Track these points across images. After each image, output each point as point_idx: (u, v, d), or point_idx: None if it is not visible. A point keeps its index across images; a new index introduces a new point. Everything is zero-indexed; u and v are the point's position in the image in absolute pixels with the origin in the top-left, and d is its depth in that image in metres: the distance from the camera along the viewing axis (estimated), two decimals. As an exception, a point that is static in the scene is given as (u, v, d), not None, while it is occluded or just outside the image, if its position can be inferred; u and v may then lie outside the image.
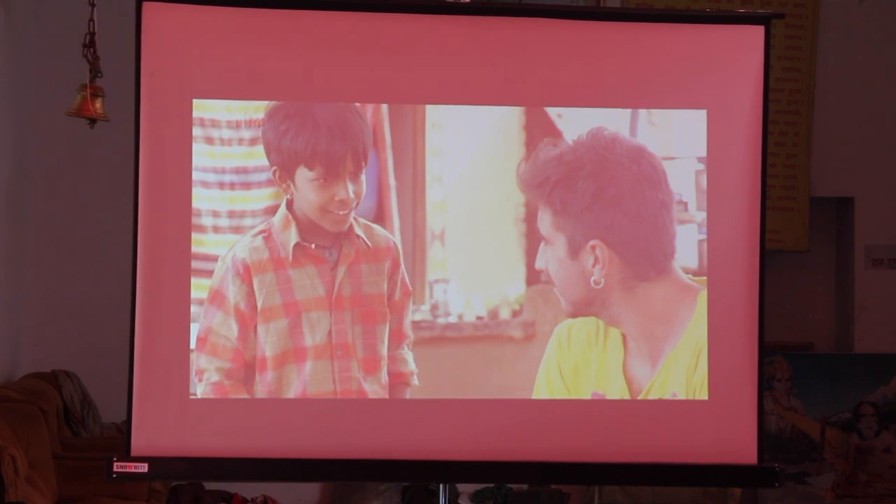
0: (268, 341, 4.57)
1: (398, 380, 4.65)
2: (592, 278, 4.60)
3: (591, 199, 4.60)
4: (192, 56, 4.63)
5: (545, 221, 4.63)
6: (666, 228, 4.65)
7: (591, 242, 4.60)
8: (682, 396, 4.64)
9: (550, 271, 4.64)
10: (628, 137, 4.70)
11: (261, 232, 4.60)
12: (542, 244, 4.65)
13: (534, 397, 4.67)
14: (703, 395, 4.67)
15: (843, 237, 8.98)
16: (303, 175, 4.58)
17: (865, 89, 8.74)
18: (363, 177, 4.62)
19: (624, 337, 4.66)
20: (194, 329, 4.57)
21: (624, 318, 4.64)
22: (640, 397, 4.64)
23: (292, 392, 4.58)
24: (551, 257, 4.63)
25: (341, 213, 4.59)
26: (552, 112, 4.73)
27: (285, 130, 4.58)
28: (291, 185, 4.59)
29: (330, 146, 4.59)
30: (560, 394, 4.67)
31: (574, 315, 4.65)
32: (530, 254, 4.69)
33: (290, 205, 4.61)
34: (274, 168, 4.59)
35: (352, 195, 4.59)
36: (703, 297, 4.67)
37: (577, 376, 4.68)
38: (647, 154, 4.68)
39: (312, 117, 4.60)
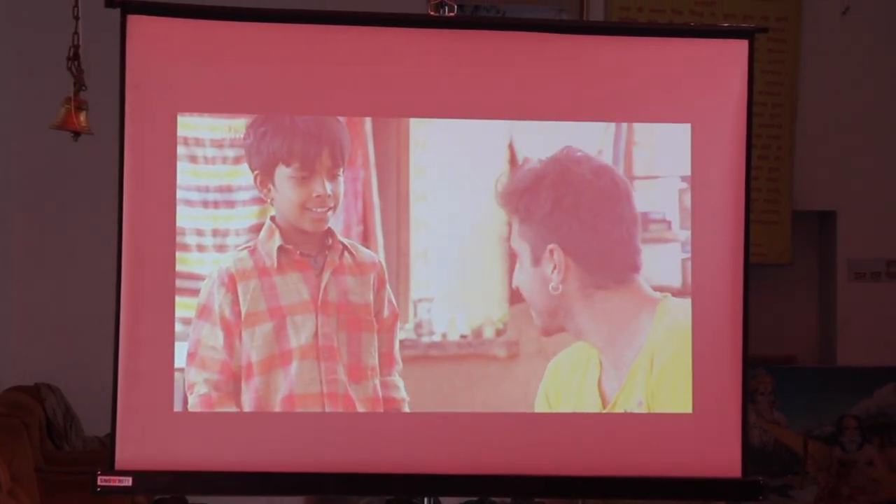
0: (253, 346, 4.58)
1: (389, 405, 4.65)
2: (551, 284, 4.62)
3: (551, 206, 4.65)
4: (177, 69, 4.64)
5: (514, 233, 4.68)
6: (626, 242, 4.68)
7: (549, 246, 4.63)
8: (645, 403, 4.65)
9: (521, 286, 4.67)
10: (597, 158, 4.73)
11: (246, 247, 4.62)
12: (517, 262, 4.68)
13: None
14: (663, 397, 4.68)
15: (825, 250, 9.01)
16: (281, 173, 4.60)
17: (848, 103, 8.77)
18: (341, 177, 4.64)
19: (599, 357, 4.68)
20: (179, 343, 4.58)
21: (589, 329, 4.66)
22: (607, 409, 4.66)
23: (280, 396, 4.59)
24: (520, 270, 4.67)
25: (320, 210, 4.62)
26: (520, 146, 4.76)
27: (263, 132, 4.62)
28: (272, 188, 4.61)
29: (306, 143, 4.63)
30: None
31: (546, 330, 4.69)
32: (514, 273, 4.71)
33: (273, 219, 4.63)
34: (255, 173, 4.62)
35: (329, 192, 4.61)
36: (662, 307, 4.69)
37: (559, 401, 4.71)
38: (611, 171, 4.73)
39: (291, 119, 4.64)
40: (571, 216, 4.66)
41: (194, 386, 4.58)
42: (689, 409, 4.70)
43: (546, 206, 4.65)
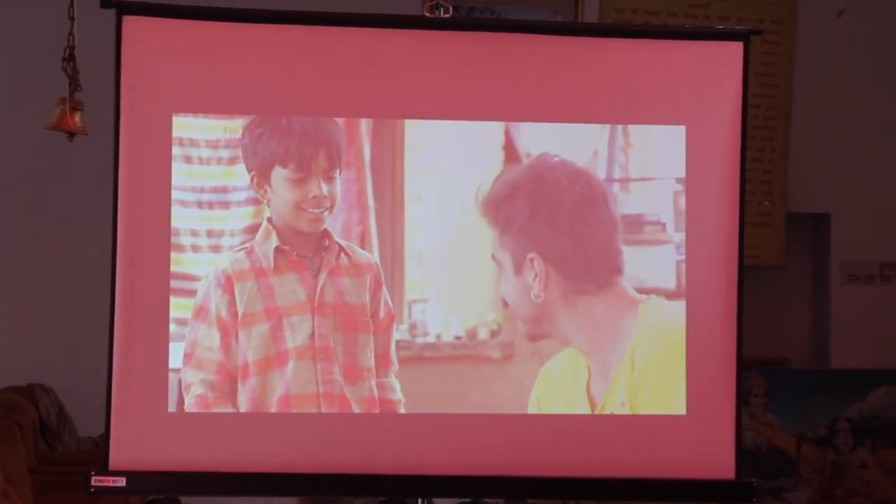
0: (249, 347, 4.58)
1: (385, 407, 4.66)
2: (533, 292, 4.63)
3: (529, 215, 4.66)
4: (172, 70, 4.65)
5: (495, 243, 4.69)
6: (606, 246, 4.70)
7: (529, 255, 4.64)
8: (627, 404, 4.66)
9: (506, 295, 4.68)
10: (572, 162, 4.73)
11: (243, 248, 4.62)
12: (501, 272, 4.69)
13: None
14: (644, 396, 4.68)
15: (819, 253, 9.01)
16: (277, 175, 4.61)
17: (842, 105, 8.77)
18: (338, 179, 4.64)
19: (587, 362, 4.69)
20: (174, 344, 4.58)
21: (574, 335, 4.68)
22: (596, 412, 4.67)
23: (276, 396, 4.59)
24: (503, 279, 4.68)
25: (316, 211, 4.62)
26: (520, 142, 4.76)
27: (260, 134, 4.63)
28: (268, 189, 4.62)
29: (302, 144, 4.63)
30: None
31: (532, 337, 4.70)
32: (499, 282, 4.72)
33: (270, 220, 4.64)
34: (252, 174, 4.63)
35: (325, 193, 4.61)
36: (644, 308, 4.70)
37: (550, 407, 4.71)
38: (586, 175, 4.74)
39: (287, 120, 4.64)
40: (550, 224, 4.67)
41: (191, 386, 4.58)
42: (675, 409, 4.70)
43: (524, 214, 4.66)
